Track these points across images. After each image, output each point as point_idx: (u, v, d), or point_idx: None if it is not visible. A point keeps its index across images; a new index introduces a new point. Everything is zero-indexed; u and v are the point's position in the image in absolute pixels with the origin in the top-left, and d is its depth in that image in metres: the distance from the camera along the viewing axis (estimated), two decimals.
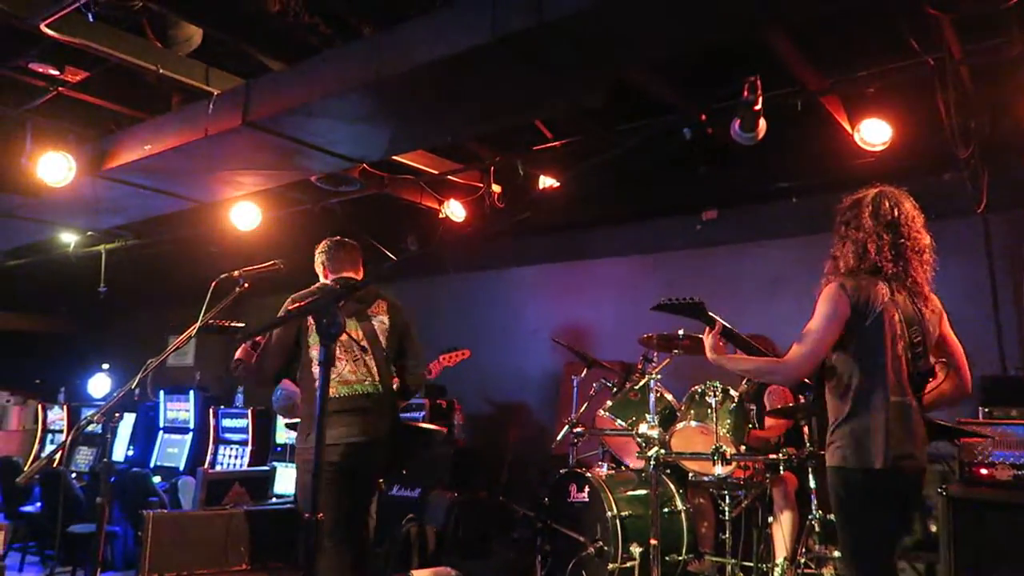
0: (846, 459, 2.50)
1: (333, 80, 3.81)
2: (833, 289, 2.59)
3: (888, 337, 2.54)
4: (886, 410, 2.50)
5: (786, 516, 4.25)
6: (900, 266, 2.61)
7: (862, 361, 2.55)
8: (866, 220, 2.65)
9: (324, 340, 1.54)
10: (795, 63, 3.99)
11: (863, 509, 2.51)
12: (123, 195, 5.38)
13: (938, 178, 4.75)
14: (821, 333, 2.55)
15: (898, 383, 2.54)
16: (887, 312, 2.56)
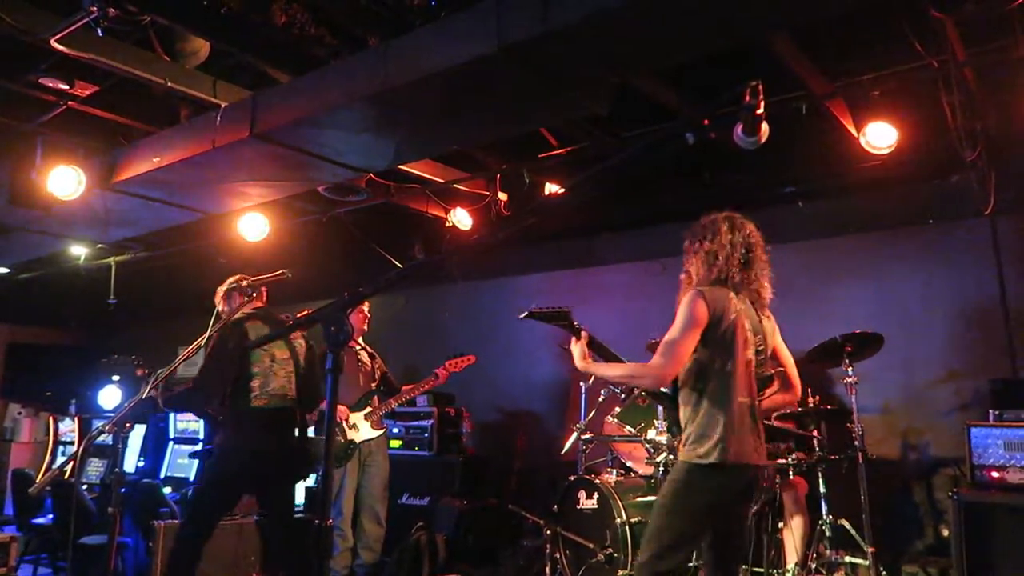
0: (699, 455, 2.65)
1: (340, 91, 3.84)
2: (692, 297, 2.75)
3: (740, 343, 2.73)
4: (735, 410, 2.67)
5: (797, 521, 4.23)
6: (748, 277, 2.81)
7: (716, 365, 2.72)
8: (723, 235, 2.85)
9: (332, 348, 1.55)
10: (800, 67, 4.00)
11: (702, 503, 2.65)
12: (132, 207, 5.43)
13: (945, 180, 4.75)
14: (682, 339, 2.70)
15: (746, 385, 2.73)
16: (739, 320, 2.75)
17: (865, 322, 4.32)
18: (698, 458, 2.65)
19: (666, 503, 2.71)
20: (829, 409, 4.15)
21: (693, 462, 2.67)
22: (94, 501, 6.36)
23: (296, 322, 1.59)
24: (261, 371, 3.84)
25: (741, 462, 2.64)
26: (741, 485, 2.69)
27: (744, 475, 2.68)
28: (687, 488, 2.67)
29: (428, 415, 6.16)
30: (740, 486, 2.69)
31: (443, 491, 5.78)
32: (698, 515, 2.67)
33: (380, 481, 5.07)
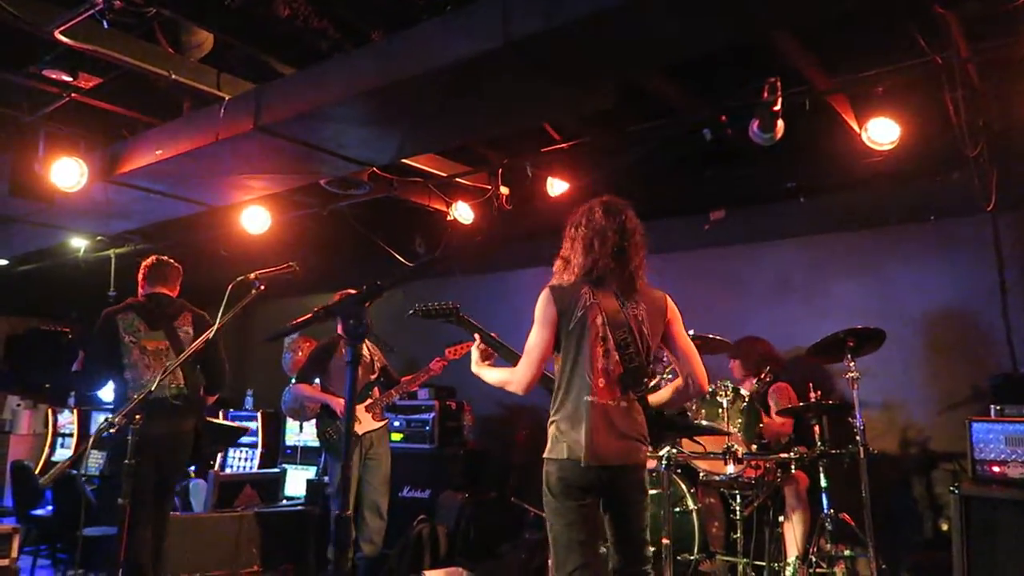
0: (549, 451, 2.66)
1: (344, 84, 3.83)
2: (542, 296, 2.75)
3: (590, 338, 2.66)
4: (585, 408, 2.61)
5: (798, 515, 4.26)
6: (620, 265, 2.72)
7: (567, 361, 2.69)
8: (598, 220, 2.77)
9: (351, 340, 1.57)
10: (802, 63, 4.01)
11: (564, 500, 2.60)
12: (134, 200, 5.42)
13: (947, 177, 4.77)
14: (535, 340, 2.70)
15: (596, 385, 2.64)
16: (589, 314, 2.68)
17: (866, 318, 4.34)
18: (547, 452, 2.67)
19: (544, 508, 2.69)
20: (830, 404, 4.16)
21: (545, 456, 2.68)
22: (93, 493, 6.37)
23: (315, 314, 1.60)
24: (130, 363, 4.02)
25: (591, 463, 2.57)
26: (588, 482, 2.59)
27: (592, 473, 2.58)
28: (547, 488, 2.66)
29: (429, 408, 6.18)
30: (588, 483, 2.59)
31: (444, 484, 5.80)
32: (563, 514, 2.61)
33: (382, 474, 5.08)
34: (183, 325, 4.22)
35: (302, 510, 6.18)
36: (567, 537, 2.59)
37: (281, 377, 7.19)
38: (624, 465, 2.64)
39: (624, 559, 2.68)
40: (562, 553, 2.60)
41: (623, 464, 2.64)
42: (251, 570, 5.71)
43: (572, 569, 2.56)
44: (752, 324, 5.21)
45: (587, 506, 2.61)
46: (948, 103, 4.18)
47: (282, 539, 5.92)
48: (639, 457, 2.68)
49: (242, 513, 5.87)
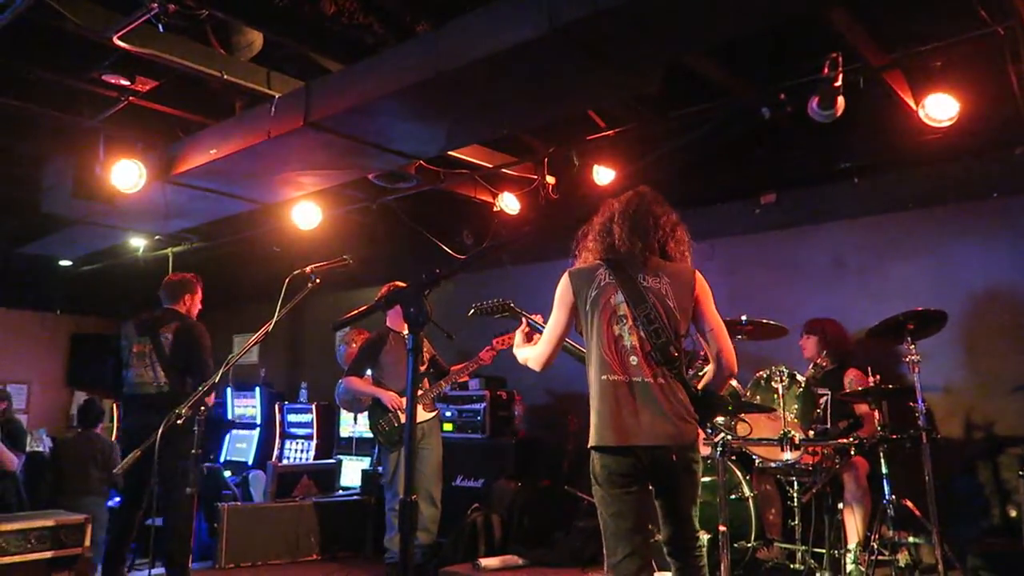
0: (591, 440, 2.63)
1: (391, 78, 3.87)
2: (561, 280, 2.80)
3: (604, 318, 2.65)
4: (605, 390, 2.60)
5: (858, 501, 4.18)
6: (635, 242, 2.71)
7: (588, 342, 2.70)
8: (609, 207, 2.83)
9: (412, 328, 1.59)
10: (856, 38, 3.90)
11: (608, 488, 2.58)
12: (190, 199, 5.57)
13: (1009, 152, 4.60)
14: (552, 322, 2.77)
15: (618, 363, 2.60)
16: (604, 293, 2.68)
17: (926, 299, 4.23)
18: (590, 440, 2.64)
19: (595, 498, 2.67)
20: (891, 388, 4.07)
21: (589, 446, 2.65)
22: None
23: (377, 303, 1.63)
24: (125, 364, 4.54)
25: (622, 444, 2.52)
26: (629, 467, 2.54)
27: (632, 457, 2.53)
28: (593, 477, 2.63)
29: (480, 398, 6.22)
30: (629, 468, 2.54)
31: (497, 473, 5.84)
32: (609, 503, 2.58)
33: (434, 463, 5.14)
34: (166, 332, 4.51)
35: (358, 499, 6.30)
36: (615, 526, 2.58)
37: (335, 369, 7.32)
38: (666, 445, 2.55)
39: (671, 540, 2.68)
40: (611, 541, 2.59)
41: (663, 444, 2.55)
42: (310, 558, 5.84)
43: (621, 558, 2.55)
44: (807, 308, 5.12)
45: (633, 493, 2.57)
46: (1012, 76, 4.04)
47: (339, 528, 6.05)
48: (683, 436, 2.58)
49: (301, 503, 6.02)
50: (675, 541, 2.68)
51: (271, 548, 5.74)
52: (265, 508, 5.99)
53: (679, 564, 2.69)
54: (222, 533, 5.56)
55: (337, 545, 5.99)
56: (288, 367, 9.08)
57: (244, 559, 5.61)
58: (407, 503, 1.43)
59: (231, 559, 5.56)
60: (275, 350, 9.00)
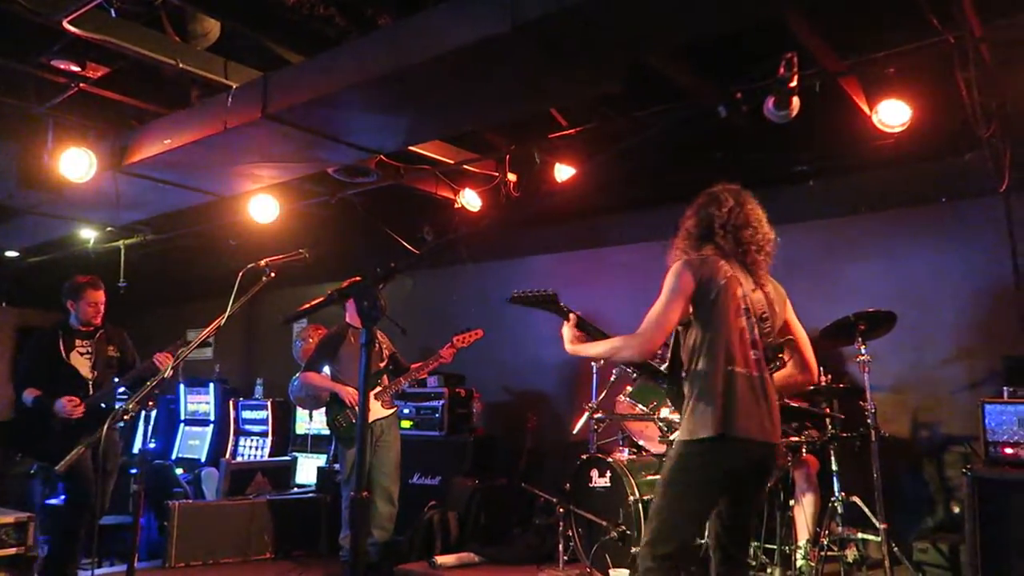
0: (692, 432, 2.54)
1: (352, 71, 3.83)
2: (678, 266, 2.68)
3: (731, 310, 2.61)
4: (732, 382, 2.53)
5: (808, 498, 4.26)
6: (742, 245, 2.72)
7: (708, 335, 2.61)
8: (718, 204, 2.80)
9: (365, 322, 1.57)
10: (813, 45, 3.97)
11: (698, 484, 2.53)
12: (143, 190, 5.43)
13: (959, 158, 4.73)
14: (665, 308, 2.61)
15: (744, 356, 2.58)
16: (730, 287, 2.63)
17: (877, 301, 4.32)
18: (692, 433, 2.55)
19: (665, 482, 2.60)
20: (841, 387, 4.16)
21: (689, 438, 2.56)
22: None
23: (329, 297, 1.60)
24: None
25: (742, 436, 2.49)
26: (743, 461, 2.53)
27: (747, 450, 2.52)
28: (686, 465, 2.56)
29: (439, 396, 6.20)
30: (742, 462, 2.53)
31: (454, 471, 5.82)
32: (698, 494, 2.54)
33: (392, 461, 5.10)
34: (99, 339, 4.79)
35: (313, 497, 6.22)
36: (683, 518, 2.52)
37: (291, 366, 7.23)
38: (770, 443, 2.58)
39: (731, 542, 2.63)
40: (666, 530, 2.51)
41: (772, 442, 2.58)
42: (264, 556, 5.75)
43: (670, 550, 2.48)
44: None
45: (723, 491, 2.55)
46: (961, 83, 4.14)
47: (294, 526, 5.97)
48: (778, 437, 2.62)
49: (254, 500, 5.92)
50: (736, 543, 2.64)
51: (223, 547, 5.64)
52: (217, 506, 5.88)
53: (731, 567, 2.64)
54: (172, 531, 5.45)
55: (291, 543, 5.92)
56: (243, 363, 8.94)
57: (194, 558, 5.50)
58: (358, 500, 1.41)
59: (181, 558, 5.45)
60: (230, 346, 8.85)
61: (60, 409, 4.46)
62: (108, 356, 4.82)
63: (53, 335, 4.72)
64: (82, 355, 4.72)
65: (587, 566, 4.32)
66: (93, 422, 4.47)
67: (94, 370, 4.70)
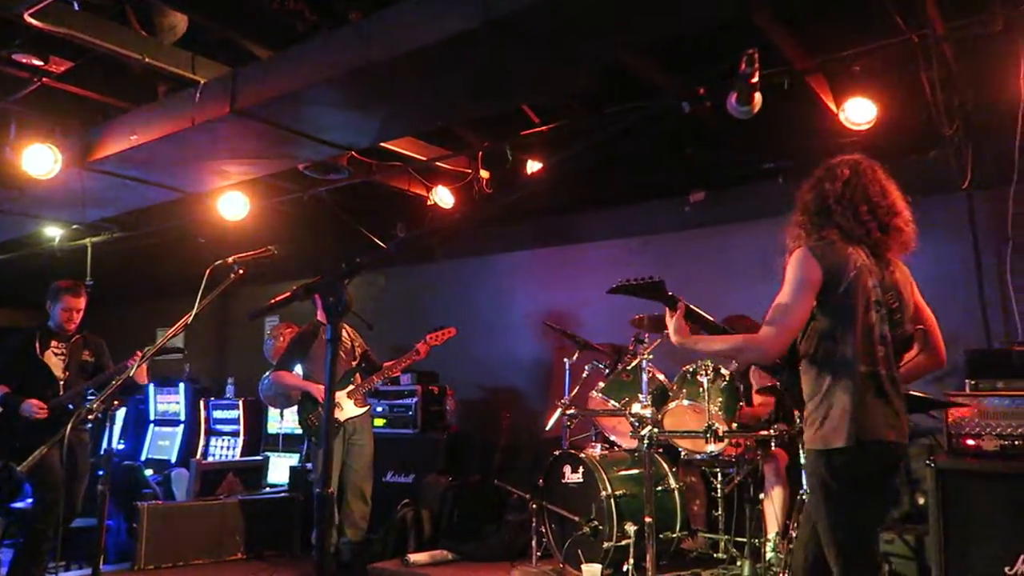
0: (826, 439, 2.33)
1: (322, 67, 3.80)
2: (802, 254, 2.44)
3: (861, 304, 2.39)
4: (867, 381, 2.34)
5: (777, 492, 4.31)
6: (871, 226, 2.48)
7: (838, 331, 2.39)
8: (840, 180, 2.53)
9: (331, 318, 1.56)
10: (782, 42, 4.02)
11: (850, 490, 2.33)
12: (109, 187, 5.35)
13: (923, 156, 4.81)
14: (793, 304, 2.37)
15: (872, 353, 2.38)
16: (861, 277, 2.41)
17: None
18: (824, 443, 2.33)
19: (819, 506, 2.36)
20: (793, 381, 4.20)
21: (822, 448, 2.34)
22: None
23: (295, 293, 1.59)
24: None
25: (874, 439, 2.30)
26: (880, 466, 2.36)
27: (884, 452, 2.33)
28: (828, 481, 2.33)
29: (412, 393, 6.18)
30: (879, 467, 2.35)
31: (428, 468, 5.81)
32: (858, 506, 2.32)
33: (365, 459, 5.09)
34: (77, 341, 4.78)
35: (285, 497, 6.17)
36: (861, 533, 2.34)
37: (263, 365, 7.16)
38: (904, 444, 2.40)
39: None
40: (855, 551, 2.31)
41: (904, 442, 2.39)
42: (235, 557, 5.69)
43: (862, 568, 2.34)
44: (733, 304, 5.24)
45: (879, 495, 2.39)
46: (924, 82, 4.22)
47: (266, 526, 5.91)
48: (907, 433, 2.43)
49: (225, 501, 5.86)
50: None
51: (193, 548, 5.57)
52: (187, 507, 5.82)
53: None
54: (141, 533, 5.37)
55: (263, 544, 5.86)
56: (214, 363, 8.84)
57: (164, 560, 5.43)
58: (324, 495, 1.41)
59: (150, 560, 5.38)
60: (201, 345, 8.75)
61: (26, 410, 4.40)
62: (82, 360, 4.78)
63: (31, 333, 4.70)
64: (56, 355, 4.67)
65: (560, 562, 4.33)
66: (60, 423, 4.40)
67: (67, 371, 4.65)
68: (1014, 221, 4.61)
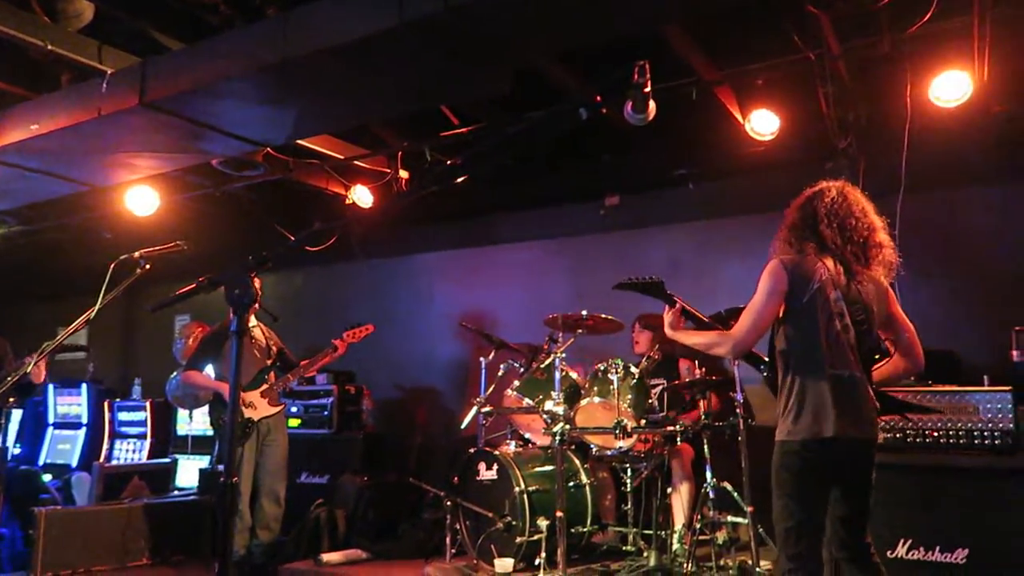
0: (790, 432, 2.60)
1: (236, 61, 3.74)
2: (773, 265, 2.73)
3: (823, 313, 2.64)
4: (827, 382, 2.58)
5: (684, 486, 4.48)
6: (842, 243, 2.72)
7: (801, 336, 2.66)
8: (818, 200, 2.80)
9: (237, 310, 1.57)
10: (690, 54, 4.20)
11: (805, 484, 2.59)
12: (7, 178, 5.11)
13: (820, 166, 5.07)
14: (760, 308, 2.68)
15: (838, 357, 2.62)
16: (824, 289, 2.67)
17: (747, 298, 4.57)
18: (788, 435, 2.60)
19: (775, 488, 2.63)
20: (715, 380, 4.39)
21: (786, 439, 2.61)
22: None
23: (199, 284, 1.58)
24: None
25: (837, 435, 2.53)
26: (838, 459, 2.58)
27: (843, 448, 2.56)
28: (785, 468, 2.60)
29: (328, 393, 6.12)
30: (837, 460, 2.57)
31: (343, 468, 5.77)
32: (804, 494, 2.58)
33: (279, 460, 5.01)
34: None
35: (194, 500, 6.01)
36: (801, 518, 2.56)
37: (171, 365, 6.95)
38: (867, 440, 2.64)
39: (852, 536, 2.66)
40: (792, 534, 2.56)
41: (866, 439, 2.63)
42: (140, 563, 5.51)
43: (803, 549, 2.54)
44: (645, 304, 5.41)
45: (826, 486, 2.60)
46: (821, 97, 4.48)
47: (174, 530, 5.74)
48: (876, 433, 2.69)
49: (130, 505, 5.66)
50: (855, 544, 2.66)
51: (95, 554, 5.36)
52: (88, 512, 5.59)
53: (859, 566, 2.66)
54: (38, 540, 5.13)
55: (171, 548, 5.69)
56: (120, 362, 8.52)
57: (63, 567, 5.20)
58: (228, 485, 1.41)
59: (49, 568, 5.14)
60: (106, 344, 8.42)
61: None
62: None
63: None
64: None
65: (473, 558, 4.39)
66: None
67: None
68: (900, 228, 4.93)
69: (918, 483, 3.57)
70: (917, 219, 4.44)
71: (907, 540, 3.54)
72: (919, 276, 4.26)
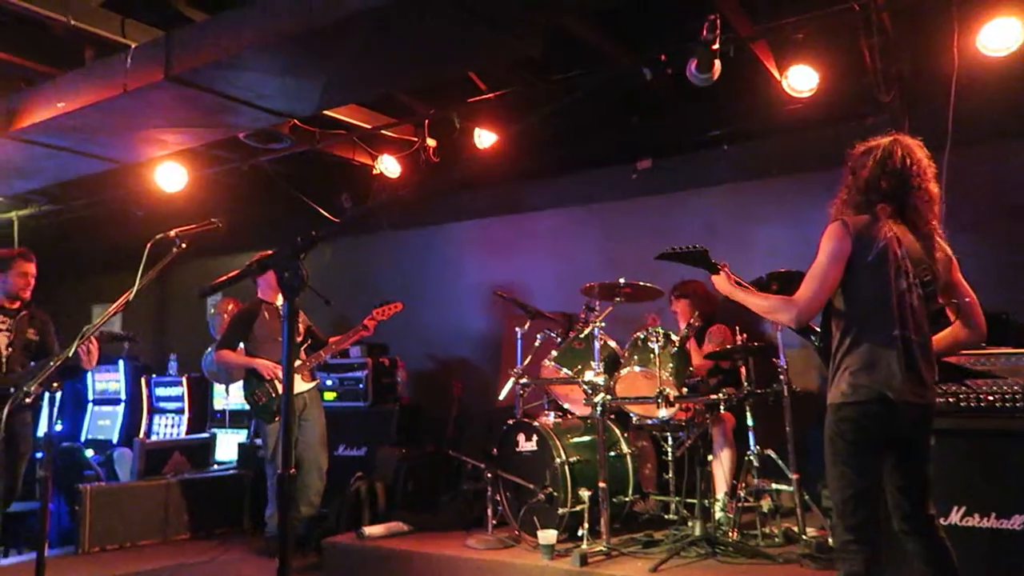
0: (845, 395, 2.51)
1: (262, 30, 3.65)
2: (835, 227, 2.62)
3: (891, 273, 2.55)
4: (890, 346, 2.50)
5: (726, 453, 4.42)
6: (907, 204, 2.62)
7: (866, 296, 2.57)
8: (881, 158, 2.65)
9: (287, 294, 1.50)
10: (727, 9, 4.02)
11: (863, 451, 2.50)
12: (36, 157, 5.09)
13: (862, 123, 4.90)
14: (823, 273, 2.58)
15: (902, 319, 2.53)
16: (890, 248, 2.57)
17: (789, 261, 4.45)
18: (845, 397, 2.51)
19: (830, 455, 2.54)
20: (756, 346, 4.29)
21: (843, 402, 2.51)
22: None
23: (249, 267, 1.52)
24: None
25: (900, 399, 2.46)
26: (899, 423, 2.49)
27: (905, 413, 2.48)
28: (841, 434, 2.51)
29: (362, 366, 6.12)
30: (898, 424, 2.49)
31: (380, 441, 5.78)
32: (863, 461, 2.50)
33: (318, 434, 5.03)
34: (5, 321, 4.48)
35: (234, 474, 6.08)
36: (859, 485, 2.48)
37: (206, 340, 7.00)
38: (929, 404, 2.56)
39: (914, 504, 2.58)
40: (850, 503, 2.47)
41: (928, 403, 2.56)
42: (182, 537, 5.60)
43: (861, 520, 2.46)
44: (680, 270, 5.30)
45: (883, 453, 2.53)
46: (864, 50, 4.29)
47: (214, 504, 5.83)
48: (935, 397, 2.61)
49: (171, 480, 5.74)
50: (917, 515, 2.58)
51: (139, 529, 5.46)
52: (131, 488, 5.68)
53: (922, 538, 2.58)
54: (84, 516, 5.23)
55: (212, 522, 5.78)
56: (155, 339, 8.59)
57: (110, 542, 5.31)
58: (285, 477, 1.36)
59: (95, 543, 5.25)
60: (141, 322, 8.48)
61: None
62: (27, 339, 4.54)
63: None
64: (1, 330, 4.44)
65: (516, 529, 4.37)
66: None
67: (10, 347, 4.43)
68: (948, 184, 4.76)
69: (974, 449, 3.46)
70: (965, 174, 4.26)
71: (961, 507, 3.45)
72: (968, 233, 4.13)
